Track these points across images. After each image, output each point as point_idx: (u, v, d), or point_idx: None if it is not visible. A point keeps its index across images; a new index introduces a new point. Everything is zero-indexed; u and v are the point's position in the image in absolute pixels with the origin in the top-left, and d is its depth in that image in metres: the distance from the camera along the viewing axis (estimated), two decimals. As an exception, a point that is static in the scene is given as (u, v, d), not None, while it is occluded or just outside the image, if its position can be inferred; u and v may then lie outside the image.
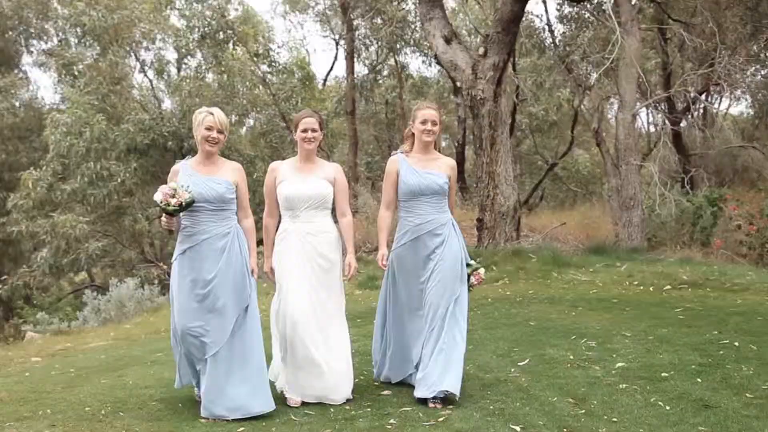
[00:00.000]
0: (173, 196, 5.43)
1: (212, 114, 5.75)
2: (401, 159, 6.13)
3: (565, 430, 4.90)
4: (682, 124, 23.02)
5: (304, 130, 6.00)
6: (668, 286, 9.96)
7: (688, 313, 8.51)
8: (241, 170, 5.98)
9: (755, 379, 5.83)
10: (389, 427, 5.26)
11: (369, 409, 5.71)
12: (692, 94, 17.51)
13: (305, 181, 5.95)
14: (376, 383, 6.34)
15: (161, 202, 5.47)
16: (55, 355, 8.56)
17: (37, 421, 5.58)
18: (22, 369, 7.81)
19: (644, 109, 24.67)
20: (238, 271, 5.76)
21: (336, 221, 6.23)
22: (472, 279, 6.14)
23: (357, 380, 6.20)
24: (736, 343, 6.99)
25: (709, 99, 26.67)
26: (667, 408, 5.26)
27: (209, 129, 5.69)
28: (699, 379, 5.90)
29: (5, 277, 17.24)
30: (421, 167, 6.03)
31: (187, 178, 5.68)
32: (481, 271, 6.26)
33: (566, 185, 26.14)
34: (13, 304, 21.80)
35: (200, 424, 5.55)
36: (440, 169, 6.06)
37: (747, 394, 5.46)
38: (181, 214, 5.65)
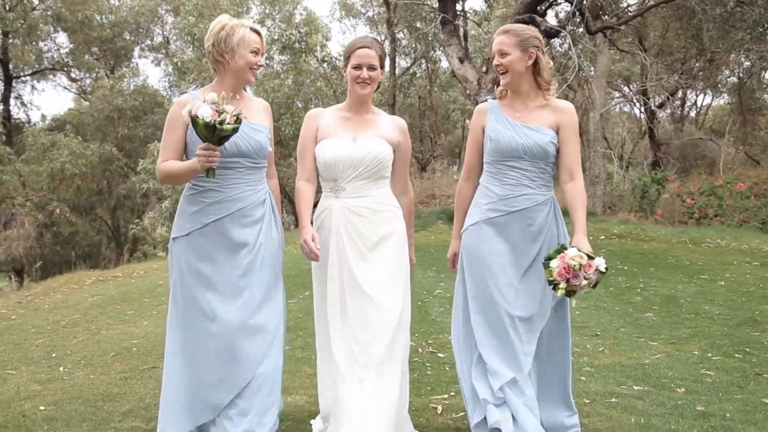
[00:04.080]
0: (220, 112, 3.27)
1: (259, 33, 3.62)
2: (492, 106, 3.82)
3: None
4: (662, 115, 25.78)
5: (357, 66, 3.73)
6: (602, 236, 12.87)
7: (608, 252, 11.35)
8: (270, 111, 3.85)
9: (621, 283, 8.72)
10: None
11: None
12: (655, 98, 20.29)
13: (356, 138, 3.75)
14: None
15: (213, 121, 3.25)
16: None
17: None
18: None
19: (625, 105, 27.54)
20: (275, 255, 3.70)
21: None
22: (555, 263, 3.41)
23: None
24: (625, 267, 9.91)
25: (685, 97, 29.42)
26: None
27: (256, 53, 3.60)
28: (589, 282, 9.00)
29: (137, 220, 20.89)
30: (517, 117, 3.74)
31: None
32: (572, 251, 3.45)
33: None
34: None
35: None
36: (545, 122, 3.73)
37: (611, 288, 8.31)
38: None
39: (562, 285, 3.39)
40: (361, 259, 3.68)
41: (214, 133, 3.29)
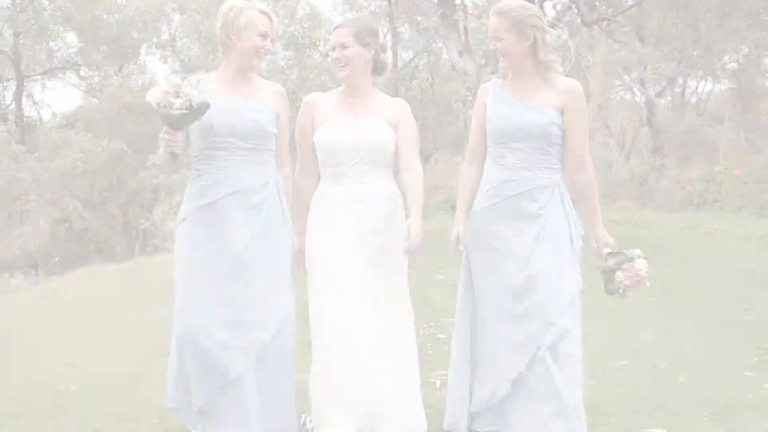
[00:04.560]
0: (177, 96, 3.20)
1: (268, 16, 3.51)
2: (494, 86, 3.66)
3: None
4: (662, 102, 25.94)
5: (333, 48, 3.68)
6: (601, 223, 13.24)
7: (605, 238, 11.84)
8: (284, 96, 3.69)
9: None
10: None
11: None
12: (655, 86, 20.51)
13: (356, 122, 3.62)
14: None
15: (159, 105, 3.21)
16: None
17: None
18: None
19: (625, 93, 27.67)
20: (282, 246, 3.59)
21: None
22: (620, 276, 3.62)
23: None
24: (620, 253, 10.35)
25: (685, 84, 29.53)
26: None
27: (264, 36, 3.49)
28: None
29: (148, 214, 21.32)
30: (517, 97, 3.56)
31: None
32: (640, 263, 3.60)
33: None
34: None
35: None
36: (547, 102, 3.52)
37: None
38: (197, 149, 3.50)
39: (630, 293, 3.63)
40: (362, 250, 3.56)
41: (162, 117, 3.24)
